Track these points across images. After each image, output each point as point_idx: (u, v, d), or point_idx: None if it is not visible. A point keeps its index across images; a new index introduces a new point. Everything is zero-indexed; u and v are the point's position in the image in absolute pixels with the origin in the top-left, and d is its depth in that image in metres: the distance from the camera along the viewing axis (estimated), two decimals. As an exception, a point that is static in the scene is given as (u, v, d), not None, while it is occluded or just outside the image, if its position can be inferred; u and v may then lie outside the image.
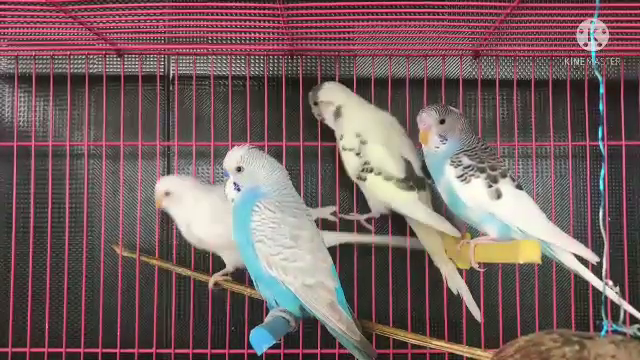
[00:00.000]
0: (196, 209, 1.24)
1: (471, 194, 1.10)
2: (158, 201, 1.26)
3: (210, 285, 1.29)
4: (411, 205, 1.22)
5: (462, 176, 1.11)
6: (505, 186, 1.10)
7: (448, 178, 1.13)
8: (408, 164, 1.23)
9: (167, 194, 1.25)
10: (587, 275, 1.09)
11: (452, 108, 1.17)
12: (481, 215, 1.11)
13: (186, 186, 1.26)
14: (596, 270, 1.07)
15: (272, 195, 1.07)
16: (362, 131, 1.24)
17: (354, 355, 1.10)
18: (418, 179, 1.23)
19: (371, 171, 1.22)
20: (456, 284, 1.28)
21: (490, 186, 1.10)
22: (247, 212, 1.05)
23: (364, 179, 1.24)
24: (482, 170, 1.11)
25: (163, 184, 1.26)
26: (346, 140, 1.26)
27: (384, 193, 1.23)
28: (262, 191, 1.07)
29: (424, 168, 1.22)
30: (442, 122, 1.14)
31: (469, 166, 1.11)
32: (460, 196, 1.12)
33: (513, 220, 1.09)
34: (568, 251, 1.09)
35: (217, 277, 1.29)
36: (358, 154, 1.24)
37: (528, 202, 1.12)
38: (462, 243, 1.20)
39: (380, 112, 1.30)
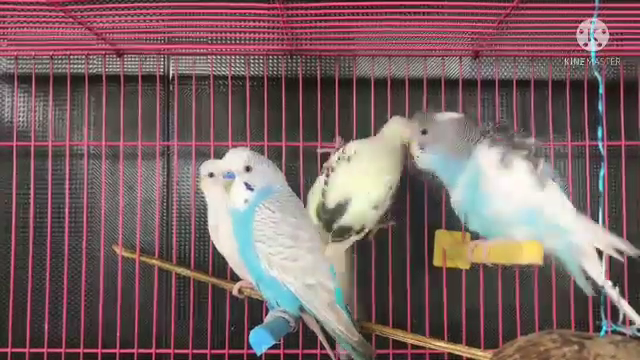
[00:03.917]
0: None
1: (512, 182, 0.97)
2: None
3: (234, 292, 1.29)
4: None
5: (502, 160, 0.95)
6: (546, 169, 0.99)
7: (478, 168, 1.00)
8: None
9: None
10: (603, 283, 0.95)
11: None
12: (519, 212, 0.98)
13: None
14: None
15: (283, 193, 1.07)
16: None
17: (352, 355, 1.10)
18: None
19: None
20: None
21: (533, 170, 0.95)
22: (250, 212, 1.05)
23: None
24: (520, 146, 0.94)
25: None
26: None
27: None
28: (275, 189, 1.07)
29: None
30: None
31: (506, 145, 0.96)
32: (496, 187, 0.98)
33: (561, 213, 0.97)
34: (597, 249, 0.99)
35: (242, 284, 1.28)
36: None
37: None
38: (474, 244, 1.15)
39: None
